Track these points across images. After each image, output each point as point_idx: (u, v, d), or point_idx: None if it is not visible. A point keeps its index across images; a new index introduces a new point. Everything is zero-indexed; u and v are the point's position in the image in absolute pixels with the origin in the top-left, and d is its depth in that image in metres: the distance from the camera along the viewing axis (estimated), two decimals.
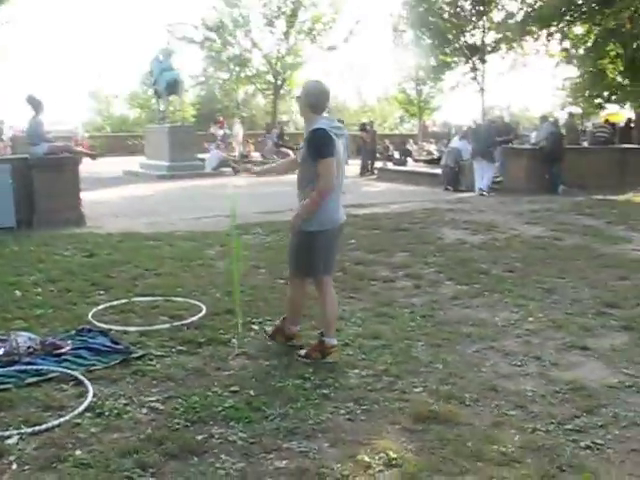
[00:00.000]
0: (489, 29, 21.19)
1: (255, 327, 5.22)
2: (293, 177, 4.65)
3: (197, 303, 5.77)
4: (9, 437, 3.43)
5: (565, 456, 3.22)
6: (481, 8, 20.45)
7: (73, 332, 4.99)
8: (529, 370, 4.39)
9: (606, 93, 20.03)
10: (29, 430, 3.48)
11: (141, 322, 5.30)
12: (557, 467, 3.12)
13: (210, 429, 3.53)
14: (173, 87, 20.36)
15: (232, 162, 21.16)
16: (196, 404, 3.80)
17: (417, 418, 3.63)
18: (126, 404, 3.85)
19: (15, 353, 4.42)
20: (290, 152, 22.10)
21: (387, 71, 79.01)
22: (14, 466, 3.16)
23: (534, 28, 19.70)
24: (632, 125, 20.35)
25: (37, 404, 3.82)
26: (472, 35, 21.45)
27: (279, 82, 29.55)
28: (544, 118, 16.88)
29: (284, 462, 3.19)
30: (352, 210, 10.20)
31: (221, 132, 27.32)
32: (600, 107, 21.73)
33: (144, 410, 3.78)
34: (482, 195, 14.54)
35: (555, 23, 18.87)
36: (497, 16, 21.00)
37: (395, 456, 3.21)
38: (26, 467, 3.14)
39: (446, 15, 21.28)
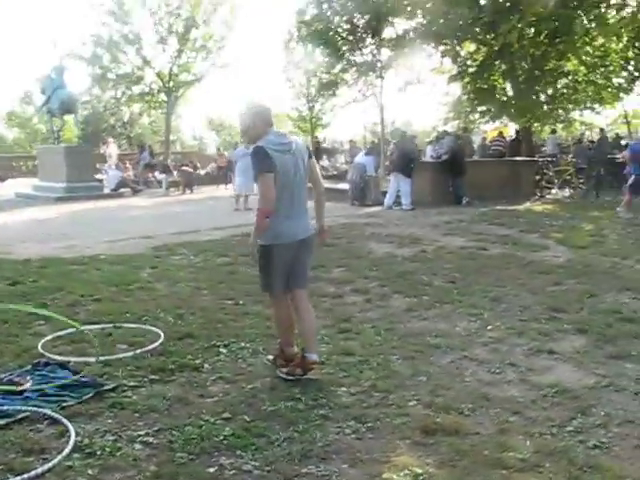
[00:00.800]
0: (382, 46, 21.72)
1: (223, 350, 5.04)
2: (197, 196, 4.56)
3: (152, 328, 5.50)
4: None
5: (580, 457, 3.31)
6: (374, 24, 20.94)
7: (29, 367, 4.63)
8: (509, 377, 4.48)
9: (494, 108, 21.08)
10: (18, 479, 3.16)
11: (98, 352, 4.97)
12: (578, 469, 3.20)
13: (218, 460, 3.35)
14: (68, 105, 19.48)
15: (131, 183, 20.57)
16: (193, 435, 3.60)
17: (424, 431, 3.61)
18: (115, 440, 3.58)
19: None
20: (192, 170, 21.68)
21: (277, 88, 79.87)
22: None
23: (426, 46, 20.43)
24: (520, 138, 21.49)
25: (15, 449, 3.48)
26: (367, 52, 21.90)
27: (172, 100, 29.02)
28: (445, 133, 17.56)
29: None
30: None
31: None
32: (490, 121, 22.83)
33: (137, 446, 3.54)
34: (390, 209, 14.84)
35: (446, 42, 19.68)
36: (390, 33, 21.60)
37: (420, 471, 3.18)
38: None
39: (341, 31, 21.63)
